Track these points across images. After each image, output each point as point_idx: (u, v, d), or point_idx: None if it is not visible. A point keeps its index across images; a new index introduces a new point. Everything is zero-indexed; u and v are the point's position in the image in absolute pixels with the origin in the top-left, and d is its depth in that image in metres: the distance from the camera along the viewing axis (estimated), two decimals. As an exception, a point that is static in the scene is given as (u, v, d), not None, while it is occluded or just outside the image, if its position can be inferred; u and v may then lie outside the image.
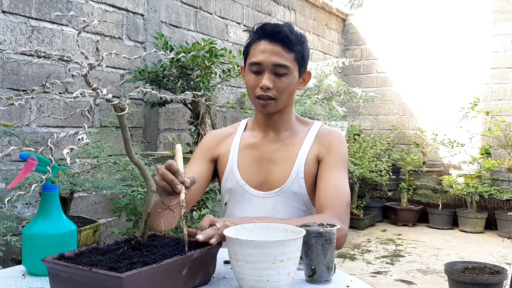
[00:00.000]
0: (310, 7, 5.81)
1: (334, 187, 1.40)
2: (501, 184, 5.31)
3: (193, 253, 0.99)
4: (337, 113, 4.79)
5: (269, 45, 1.41)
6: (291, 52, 1.42)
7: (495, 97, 5.82)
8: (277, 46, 1.41)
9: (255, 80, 1.43)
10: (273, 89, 1.42)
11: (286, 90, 1.44)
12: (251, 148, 1.52)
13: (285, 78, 1.42)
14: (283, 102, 1.46)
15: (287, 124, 1.52)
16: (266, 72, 1.41)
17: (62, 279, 0.92)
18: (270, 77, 1.41)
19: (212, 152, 1.56)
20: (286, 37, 1.41)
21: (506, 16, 5.75)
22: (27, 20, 2.62)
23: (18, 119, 2.58)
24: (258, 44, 1.43)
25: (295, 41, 1.42)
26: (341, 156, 1.47)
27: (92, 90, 0.74)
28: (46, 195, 1.14)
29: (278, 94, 1.43)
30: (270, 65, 1.41)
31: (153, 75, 3.05)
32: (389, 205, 5.82)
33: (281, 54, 1.41)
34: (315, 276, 1.07)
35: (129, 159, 0.94)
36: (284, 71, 1.41)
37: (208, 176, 1.55)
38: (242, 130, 1.58)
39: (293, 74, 1.44)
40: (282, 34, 1.41)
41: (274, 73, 1.41)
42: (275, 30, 1.41)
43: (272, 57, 1.40)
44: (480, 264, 3.16)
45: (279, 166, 1.47)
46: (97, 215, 3.04)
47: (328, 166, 1.44)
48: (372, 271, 3.89)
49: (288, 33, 1.41)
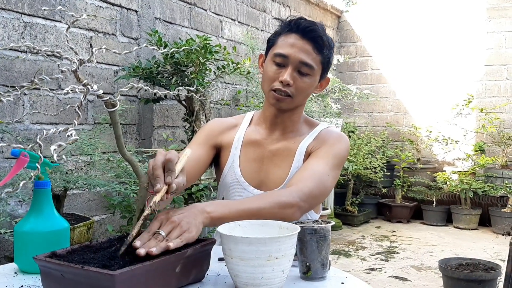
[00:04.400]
0: (305, 4, 5.79)
1: (313, 172, 1.31)
2: (495, 181, 5.33)
3: (187, 250, 0.98)
4: (332, 110, 4.79)
5: (300, 40, 1.36)
6: (319, 54, 1.38)
7: (489, 94, 5.84)
8: (308, 44, 1.36)
9: (276, 72, 1.38)
10: (293, 86, 1.37)
11: (304, 91, 1.40)
12: (253, 145, 1.48)
13: (307, 79, 1.38)
14: (297, 102, 1.42)
15: (295, 125, 1.48)
16: (290, 67, 1.36)
17: (54, 277, 0.91)
18: (293, 74, 1.36)
19: (215, 139, 1.51)
20: (320, 37, 1.37)
21: (500, 13, 5.77)
22: (20, 16, 2.60)
23: (10, 115, 2.56)
24: (288, 37, 1.38)
25: (326, 44, 1.38)
26: (334, 151, 1.40)
27: (82, 86, 0.73)
28: (38, 192, 1.13)
29: (295, 93, 1.38)
30: (296, 61, 1.36)
31: (147, 71, 3.03)
32: (383, 202, 5.83)
33: (309, 53, 1.36)
34: (310, 272, 1.07)
35: (121, 155, 0.93)
36: (308, 71, 1.37)
37: (206, 161, 1.49)
38: (247, 124, 1.53)
39: (315, 76, 1.40)
40: (316, 33, 1.37)
41: (298, 71, 1.37)
42: (310, 28, 1.37)
43: (300, 54, 1.36)
44: (474, 260, 3.17)
45: (279, 167, 1.44)
46: (91, 212, 3.02)
47: (316, 154, 1.39)
48: (367, 267, 3.90)
49: (322, 34, 1.37)
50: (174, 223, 1.02)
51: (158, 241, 0.97)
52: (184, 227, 1.02)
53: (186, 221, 1.03)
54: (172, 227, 1.01)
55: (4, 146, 0.66)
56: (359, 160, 5.23)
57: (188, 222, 1.03)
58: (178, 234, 1.00)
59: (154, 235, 0.99)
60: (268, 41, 1.46)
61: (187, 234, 1.01)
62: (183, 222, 1.03)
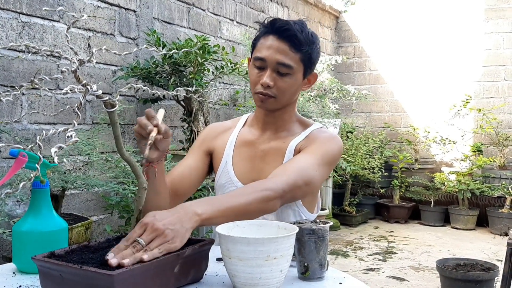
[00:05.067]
0: (303, 4, 5.80)
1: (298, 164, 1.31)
2: (493, 182, 5.35)
3: (185, 250, 0.98)
4: (330, 111, 4.80)
5: (276, 41, 1.37)
6: (297, 52, 1.37)
7: (487, 94, 5.85)
8: (284, 44, 1.36)
9: (257, 75, 1.40)
10: (274, 87, 1.38)
11: (287, 91, 1.40)
12: (246, 145, 1.50)
13: (288, 78, 1.38)
14: (283, 102, 1.42)
15: (287, 124, 1.49)
16: (269, 69, 1.38)
17: (52, 277, 0.91)
18: (272, 75, 1.37)
19: (208, 145, 1.54)
20: (294, 35, 1.36)
21: (498, 14, 5.78)
22: (18, 15, 2.59)
23: (9, 115, 2.56)
24: (266, 39, 1.40)
25: (303, 41, 1.37)
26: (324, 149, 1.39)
27: (82, 86, 0.73)
28: (37, 192, 1.13)
29: (278, 93, 1.39)
30: (273, 63, 1.37)
31: (145, 71, 3.03)
32: (381, 202, 5.84)
33: (286, 53, 1.36)
34: (308, 273, 1.07)
35: (120, 155, 0.93)
36: (287, 71, 1.37)
37: (203, 168, 1.53)
38: (241, 126, 1.56)
39: (296, 75, 1.40)
40: (290, 32, 1.36)
41: (277, 72, 1.38)
42: (284, 27, 1.37)
43: (277, 55, 1.36)
44: (471, 261, 3.17)
45: (270, 166, 1.44)
46: (89, 212, 3.02)
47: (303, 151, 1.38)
48: (365, 268, 3.91)
49: (297, 32, 1.36)
50: (158, 231, 0.97)
51: (136, 250, 0.93)
52: (168, 236, 0.97)
53: (171, 229, 0.98)
54: (155, 236, 0.97)
55: (2, 146, 0.66)
56: (357, 161, 5.24)
57: (174, 230, 0.98)
58: (158, 244, 0.95)
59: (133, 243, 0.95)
60: (251, 45, 1.48)
61: (169, 245, 0.96)
62: (168, 230, 0.98)
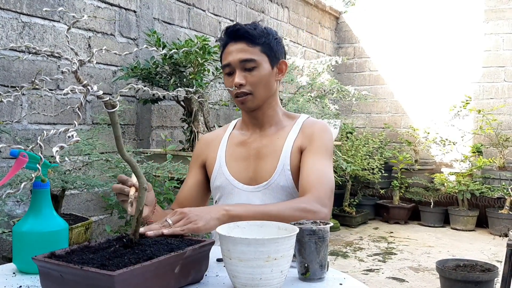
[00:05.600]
0: (304, 4, 5.80)
1: (317, 172, 1.40)
2: (492, 182, 5.35)
3: (186, 251, 0.98)
4: (330, 111, 4.80)
5: (233, 45, 1.46)
6: (255, 46, 1.45)
7: (487, 95, 5.86)
8: (240, 44, 1.45)
9: (230, 81, 1.47)
10: (247, 84, 1.45)
11: (260, 83, 1.46)
12: (238, 146, 1.55)
13: (256, 71, 1.45)
14: (260, 95, 1.48)
15: (273, 120, 1.54)
16: (237, 70, 1.45)
17: (53, 278, 0.91)
18: (241, 74, 1.45)
19: (201, 158, 1.61)
20: (246, 32, 1.45)
21: (498, 15, 5.78)
22: (18, 15, 2.59)
23: (9, 115, 2.56)
24: (227, 48, 1.48)
25: (257, 35, 1.46)
26: (324, 144, 1.47)
27: (82, 86, 0.73)
28: (37, 193, 1.13)
29: (252, 88, 1.45)
30: (237, 63, 1.45)
31: (145, 72, 3.03)
32: (381, 203, 5.84)
33: (245, 50, 1.45)
34: (308, 273, 1.07)
35: (121, 156, 0.93)
36: (252, 64, 1.44)
37: (204, 182, 1.60)
38: (230, 130, 1.62)
39: (262, 66, 1.46)
40: (241, 30, 1.45)
41: (244, 69, 1.45)
42: (235, 29, 1.46)
43: (238, 55, 1.44)
44: (471, 261, 3.17)
45: (266, 161, 1.49)
46: (89, 212, 3.02)
47: (311, 152, 1.45)
48: (364, 268, 3.91)
49: (248, 29, 1.45)
50: (183, 214, 1.15)
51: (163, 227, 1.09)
52: (191, 218, 1.13)
53: (196, 214, 1.15)
54: (181, 218, 1.14)
55: (2, 147, 0.66)
56: (357, 161, 5.24)
57: (197, 215, 1.15)
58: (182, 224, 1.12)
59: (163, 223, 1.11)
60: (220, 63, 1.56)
61: (192, 225, 1.12)
62: (192, 214, 1.15)
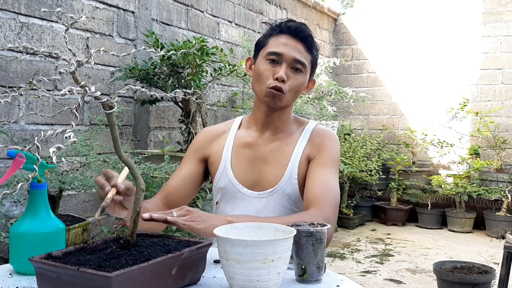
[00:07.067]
0: (302, 6, 5.81)
1: (323, 185, 1.38)
2: (490, 184, 5.36)
3: (183, 252, 0.98)
4: (328, 113, 4.80)
5: (292, 40, 1.42)
6: (310, 54, 1.44)
7: (484, 98, 5.87)
8: (299, 44, 1.42)
9: (271, 70, 1.42)
10: (286, 83, 1.41)
11: (296, 88, 1.44)
12: (245, 147, 1.50)
13: (300, 76, 1.43)
14: (288, 100, 1.45)
15: (285, 125, 1.51)
16: (284, 64, 1.41)
17: (49, 279, 0.91)
18: (287, 71, 1.41)
19: (203, 152, 1.54)
20: (310, 37, 1.44)
21: (495, 17, 5.80)
22: (16, 16, 2.59)
23: (6, 116, 2.55)
24: (280, 37, 1.44)
25: (314, 46, 1.46)
26: (332, 156, 1.45)
27: (80, 87, 0.73)
28: (34, 193, 1.13)
29: (289, 90, 1.42)
30: (290, 59, 1.41)
31: (143, 73, 3.03)
32: (378, 204, 5.84)
33: (302, 52, 1.42)
34: (306, 275, 1.07)
35: (118, 157, 0.93)
36: (301, 68, 1.42)
37: (198, 176, 1.54)
38: (236, 128, 1.55)
39: (305, 75, 1.45)
40: (306, 33, 1.43)
41: (291, 68, 1.42)
42: (300, 28, 1.43)
43: (294, 52, 1.41)
44: (468, 263, 3.18)
45: (272, 167, 1.45)
46: (87, 213, 3.01)
47: (318, 164, 1.43)
48: (362, 270, 3.91)
49: (311, 34, 1.45)
50: (189, 212, 1.17)
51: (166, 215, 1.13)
52: (195, 218, 1.16)
53: (200, 216, 1.18)
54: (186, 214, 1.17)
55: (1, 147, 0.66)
56: (355, 163, 5.24)
57: (201, 217, 1.17)
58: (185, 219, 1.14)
59: None
60: (258, 43, 1.50)
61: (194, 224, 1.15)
62: (196, 214, 1.18)
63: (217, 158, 1.51)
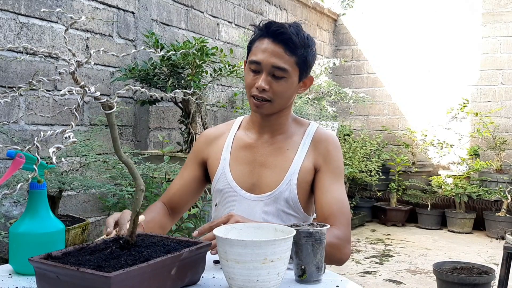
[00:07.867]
0: (302, 7, 5.81)
1: (338, 201, 1.38)
2: (489, 185, 5.36)
3: (182, 252, 0.98)
4: (328, 113, 4.80)
5: (271, 44, 1.36)
6: (292, 56, 1.37)
7: (484, 98, 5.87)
8: (279, 47, 1.36)
9: (253, 79, 1.39)
10: (269, 91, 1.37)
11: (283, 94, 1.40)
12: (244, 149, 1.49)
13: (283, 82, 1.38)
14: (279, 105, 1.42)
15: (284, 127, 1.48)
16: (264, 72, 1.36)
17: (49, 279, 0.91)
18: (267, 79, 1.37)
19: (202, 155, 1.55)
20: (290, 39, 1.35)
21: (495, 18, 5.80)
22: (16, 16, 2.59)
23: (6, 116, 2.55)
24: (261, 42, 1.39)
25: (299, 44, 1.37)
26: (339, 166, 1.45)
27: (80, 87, 0.73)
28: (34, 194, 1.13)
29: (273, 97, 1.38)
30: (268, 66, 1.36)
31: (143, 73, 3.03)
32: (378, 205, 5.84)
33: (281, 56, 1.36)
34: (305, 276, 1.07)
35: (118, 157, 0.93)
36: (282, 74, 1.37)
37: (201, 180, 1.56)
38: (236, 129, 1.54)
39: (291, 78, 1.39)
40: (285, 35, 1.36)
41: (272, 75, 1.37)
42: (279, 31, 1.36)
43: (272, 58, 1.36)
44: (468, 264, 3.18)
45: (272, 171, 1.44)
46: (86, 213, 3.01)
47: (328, 177, 1.42)
48: (361, 271, 3.91)
49: (292, 35, 1.36)
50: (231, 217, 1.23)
51: None
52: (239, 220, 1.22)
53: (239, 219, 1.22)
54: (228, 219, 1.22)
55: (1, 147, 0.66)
56: (355, 163, 5.24)
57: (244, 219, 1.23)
58: None
59: None
60: (247, 48, 1.47)
61: None
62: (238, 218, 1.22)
63: (216, 160, 1.50)
